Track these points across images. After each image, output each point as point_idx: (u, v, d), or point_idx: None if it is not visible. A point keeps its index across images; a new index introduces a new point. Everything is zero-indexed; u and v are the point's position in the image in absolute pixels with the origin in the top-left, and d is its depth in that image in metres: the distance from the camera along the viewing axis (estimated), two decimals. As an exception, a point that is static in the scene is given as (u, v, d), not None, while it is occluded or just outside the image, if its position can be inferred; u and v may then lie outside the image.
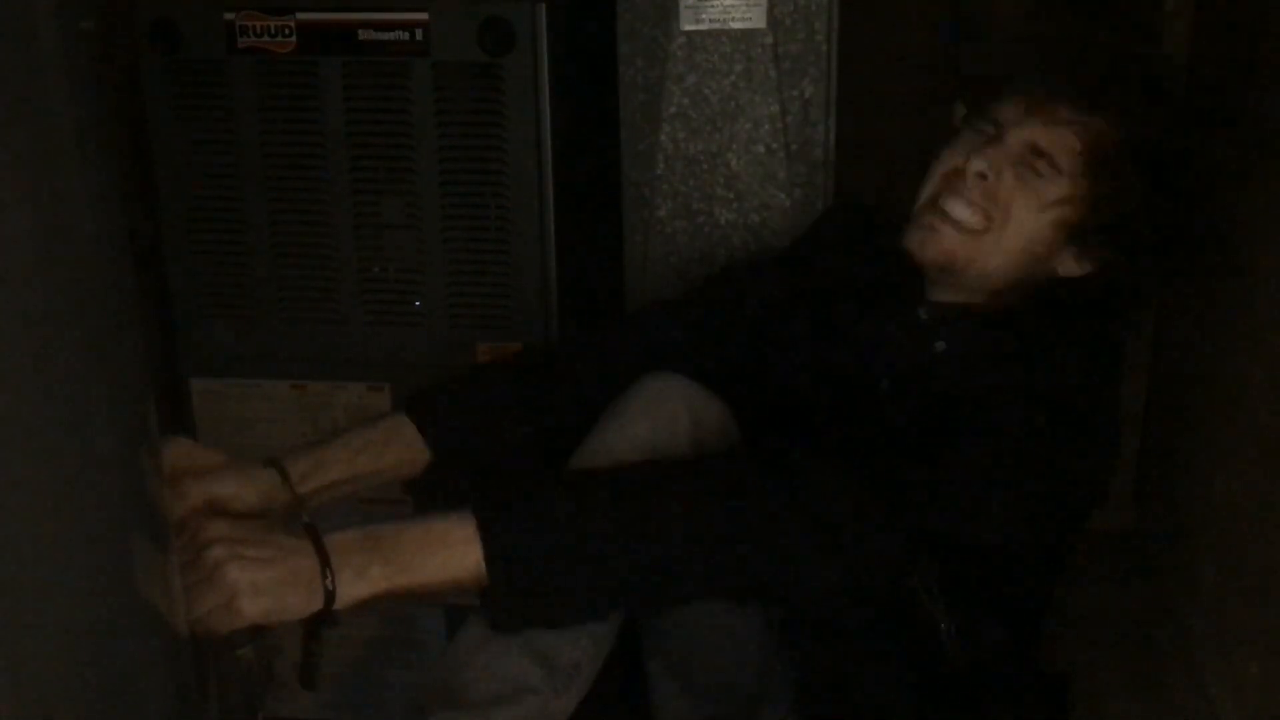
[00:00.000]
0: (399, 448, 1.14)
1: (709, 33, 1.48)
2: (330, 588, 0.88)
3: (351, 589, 0.89)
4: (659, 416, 1.11)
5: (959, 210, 1.14)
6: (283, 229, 1.54)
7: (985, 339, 1.17)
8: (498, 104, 1.45)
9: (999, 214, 1.14)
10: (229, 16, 1.47)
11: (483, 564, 0.91)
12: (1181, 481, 1.98)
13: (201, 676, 0.82)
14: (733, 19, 1.47)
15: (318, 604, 0.88)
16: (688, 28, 1.48)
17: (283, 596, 0.87)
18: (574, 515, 0.95)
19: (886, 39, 2.08)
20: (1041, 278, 1.17)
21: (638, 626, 1.20)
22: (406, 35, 1.44)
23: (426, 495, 1.17)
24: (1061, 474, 1.07)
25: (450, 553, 0.91)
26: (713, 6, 1.47)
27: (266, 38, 1.47)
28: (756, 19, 1.47)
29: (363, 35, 1.45)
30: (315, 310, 1.56)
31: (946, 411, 1.09)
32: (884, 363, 1.20)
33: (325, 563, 0.88)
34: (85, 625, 0.62)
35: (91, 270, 0.63)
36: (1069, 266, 1.16)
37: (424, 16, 1.44)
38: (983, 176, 1.14)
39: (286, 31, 1.47)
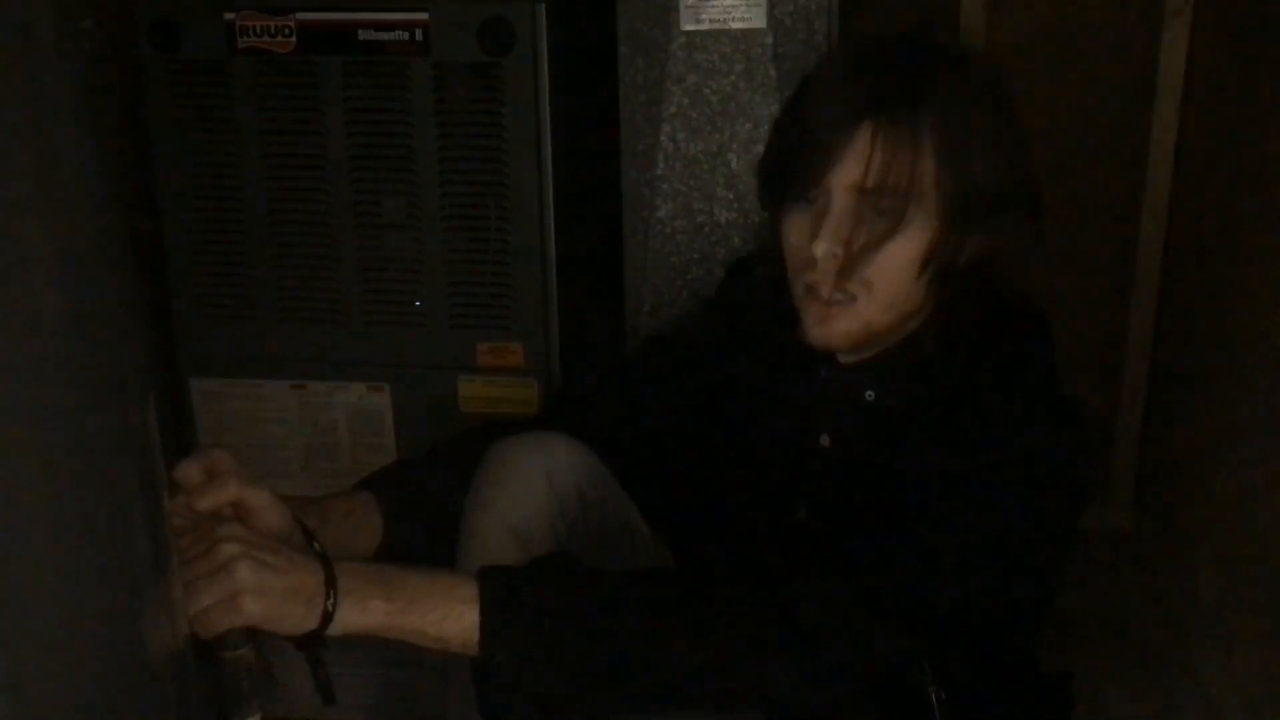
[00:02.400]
0: (372, 522, 1.12)
1: (709, 33, 1.48)
2: (330, 609, 0.89)
3: (349, 616, 0.90)
4: (514, 488, 1.09)
5: (832, 292, 1.05)
6: (283, 229, 1.54)
7: (912, 380, 1.10)
8: (498, 104, 1.45)
9: (865, 285, 1.04)
10: (229, 16, 1.47)
11: (474, 630, 0.91)
12: (1181, 481, 1.98)
13: (199, 685, 0.82)
14: (733, 19, 1.47)
15: (314, 623, 0.89)
16: (688, 28, 1.48)
17: (285, 604, 0.87)
18: (580, 613, 0.95)
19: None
20: (941, 289, 1.07)
21: None
22: (406, 35, 1.44)
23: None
24: (1041, 517, 1.03)
25: (449, 608, 0.91)
26: (713, 6, 1.47)
27: (266, 38, 1.47)
28: (756, 19, 1.47)
29: (363, 35, 1.45)
30: (315, 310, 1.56)
31: (895, 465, 1.05)
32: (820, 418, 1.15)
33: (331, 585, 0.89)
34: (83, 628, 0.62)
35: (92, 270, 0.63)
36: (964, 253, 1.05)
37: (424, 16, 1.44)
38: (833, 255, 1.03)
39: (286, 31, 1.47)
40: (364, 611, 0.90)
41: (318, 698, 0.95)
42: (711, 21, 1.48)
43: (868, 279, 1.04)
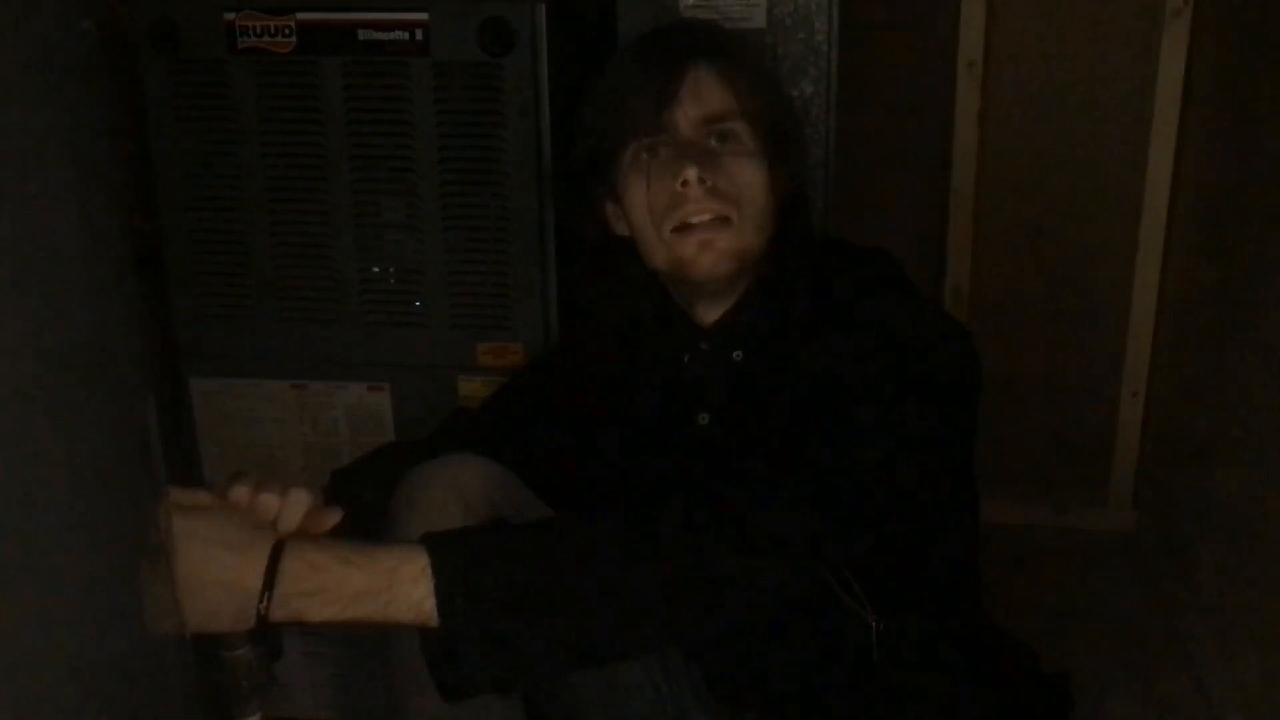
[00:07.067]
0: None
1: (709, 33, 1.48)
2: (263, 613, 0.87)
3: (284, 616, 0.88)
4: (428, 513, 1.07)
5: (709, 214, 1.13)
6: (283, 229, 1.54)
7: (773, 335, 1.15)
8: (498, 104, 1.45)
9: (737, 202, 1.13)
10: (229, 16, 1.47)
11: (428, 600, 0.89)
12: (1181, 482, 1.98)
13: (199, 681, 0.82)
14: (733, 19, 1.47)
15: (244, 625, 0.87)
16: (688, 28, 1.48)
17: (207, 610, 0.86)
18: (532, 556, 0.93)
19: (887, 38, 2.08)
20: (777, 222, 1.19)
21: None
22: (406, 35, 1.44)
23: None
24: (924, 417, 1.05)
25: (393, 593, 0.89)
26: (713, 6, 1.47)
27: (266, 38, 1.47)
28: (756, 19, 1.47)
29: (363, 35, 1.45)
30: (315, 310, 1.56)
31: (772, 423, 1.07)
32: (695, 398, 1.19)
33: (268, 586, 0.87)
34: (84, 621, 0.62)
35: (92, 270, 0.63)
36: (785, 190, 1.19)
37: (424, 16, 1.44)
38: (702, 181, 1.12)
39: (286, 31, 1.47)
40: (300, 614, 0.88)
41: (313, 696, 0.95)
42: (711, 21, 1.48)
43: (735, 195, 1.13)
